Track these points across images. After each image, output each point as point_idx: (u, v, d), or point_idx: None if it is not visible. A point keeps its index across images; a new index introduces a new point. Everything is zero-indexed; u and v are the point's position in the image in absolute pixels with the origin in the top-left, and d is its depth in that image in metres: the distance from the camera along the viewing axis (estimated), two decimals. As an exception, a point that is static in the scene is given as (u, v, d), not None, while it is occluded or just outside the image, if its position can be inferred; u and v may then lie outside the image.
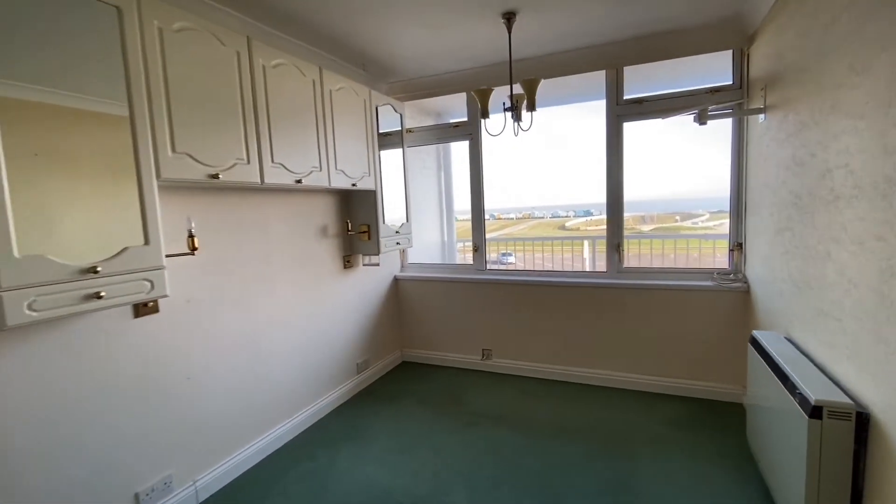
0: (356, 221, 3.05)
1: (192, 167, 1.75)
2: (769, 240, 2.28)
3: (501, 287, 3.40)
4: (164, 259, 1.63)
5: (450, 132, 3.54)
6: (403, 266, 3.83)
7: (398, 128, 3.25)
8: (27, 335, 1.51)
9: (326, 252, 2.92)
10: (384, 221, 3.03)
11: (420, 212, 4.05)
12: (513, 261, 6.35)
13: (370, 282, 3.40)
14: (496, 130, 2.46)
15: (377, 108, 2.95)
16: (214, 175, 1.83)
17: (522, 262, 6.10)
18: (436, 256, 4.48)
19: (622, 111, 2.97)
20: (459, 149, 4.33)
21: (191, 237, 1.87)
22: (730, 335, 2.79)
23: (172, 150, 1.67)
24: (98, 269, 1.42)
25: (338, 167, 2.57)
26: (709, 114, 2.45)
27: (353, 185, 2.73)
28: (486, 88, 2.32)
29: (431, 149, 4.38)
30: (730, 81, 2.74)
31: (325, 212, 2.91)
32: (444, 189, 4.53)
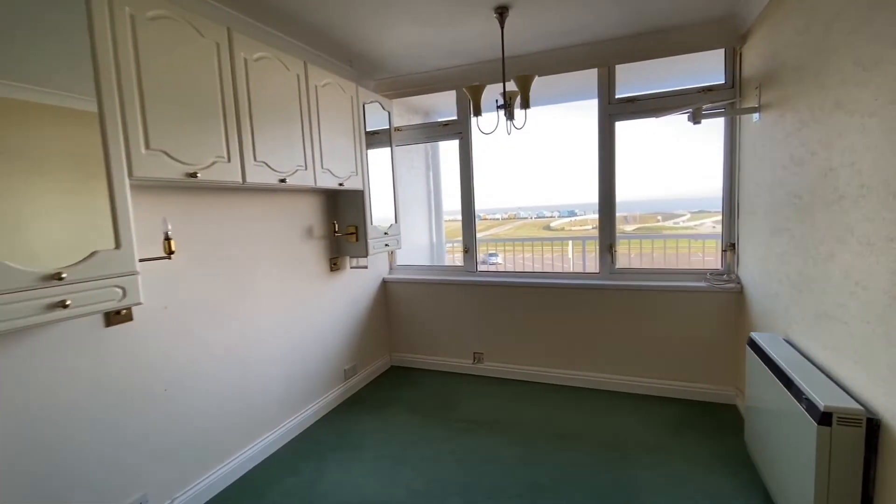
0: (343, 223, 2.95)
1: (169, 165, 1.64)
2: (765, 240, 2.25)
3: (492, 289, 3.33)
4: (138, 264, 1.51)
5: (439, 131, 3.46)
6: (392, 268, 3.74)
7: (386, 126, 3.16)
8: (-17, 348, 1.38)
9: (312, 254, 2.81)
10: (372, 222, 2.93)
11: (408, 212, 3.97)
12: (499, 261, 6.34)
13: (358, 285, 3.30)
14: (489, 129, 2.39)
15: (364, 106, 2.85)
16: (192, 174, 1.72)
17: (511, 263, 6.05)
18: (425, 258, 4.40)
19: (614, 110, 2.93)
20: (448, 148, 4.26)
21: (167, 240, 1.75)
22: (723, 336, 2.76)
23: (146, 147, 1.56)
24: (63, 276, 1.31)
25: (324, 166, 2.47)
26: (703, 113, 2.42)
27: (340, 185, 2.63)
28: (479, 85, 2.25)
29: (420, 148, 4.30)
30: (722, 81, 2.73)
31: (311, 213, 2.80)
32: (433, 189, 4.45)
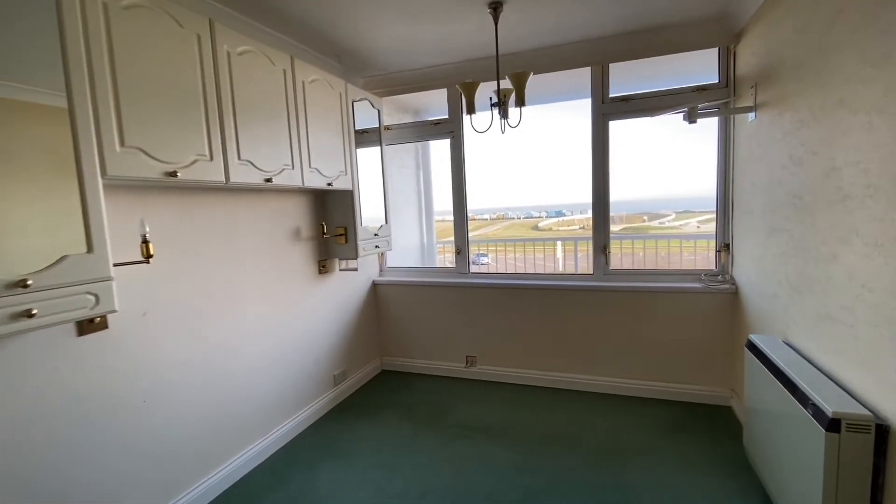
0: (332, 224, 2.86)
1: (146, 164, 1.54)
2: (761, 241, 2.23)
3: (485, 291, 3.27)
4: (112, 269, 1.41)
5: (430, 130, 3.38)
6: (382, 270, 3.65)
7: (376, 125, 3.08)
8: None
9: (300, 257, 2.72)
10: (362, 223, 2.85)
11: (399, 213, 3.89)
12: (487, 261, 6.32)
13: (347, 287, 3.21)
14: (482, 127, 2.32)
15: (353, 103, 2.77)
16: (172, 173, 1.62)
17: (500, 264, 6.02)
18: (416, 259, 4.32)
19: (608, 109, 2.90)
20: (439, 148, 4.19)
21: (145, 243, 1.64)
22: (718, 338, 2.74)
23: (121, 145, 1.46)
24: (28, 283, 1.20)
25: (312, 165, 2.38)
26: (698, 112, 2.39)
27: (329, 185, 2.54)
28: (473, 82, 2.19)
29: (410, 147, 4.22)
30: (715, 80, 2.71)
31: (299, 213, 2.71)
32: (424, 189, 4.37)
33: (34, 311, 1.22)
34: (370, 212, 2.97)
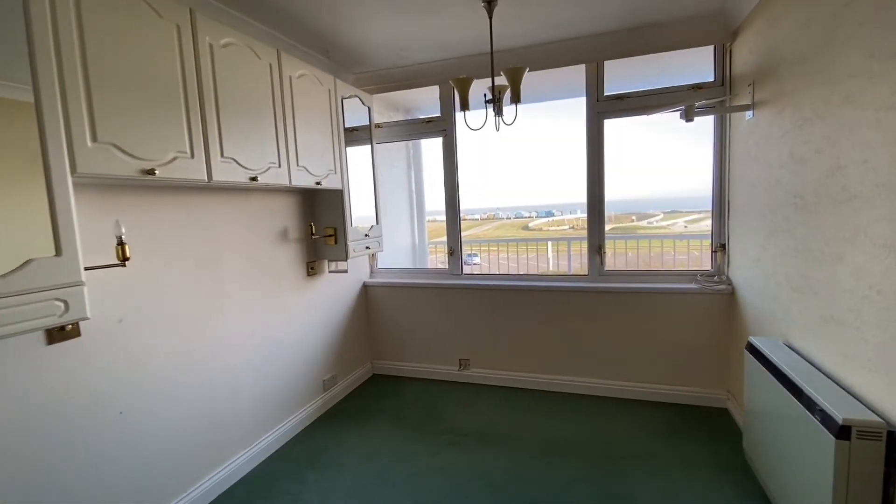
0: (321, 224, 2.77)
1: (120, 161, 1.44)
2: (759, 241, 2.19)
3: (478, 292, 3.21)
4: (84, 273, 1.32)
5: (422, 128, 3.31)
6: (373, 271, 3.57)
7: (366, 122, 3.00)
8: None
9: (287, 259, 2.62)
10: (352, 223, 2.76)
11: (390, 213, 3.81)
12: (478, 261, 6.29)
13: (337, 290, 3.12)
14: (476, 125, 2.26)
15: (343, 100, 2.69)
16: (149, 171, 1.52)
17: (490, 264, 5.98)
18: (407, 260, 4.24)
19: (603, 108, 2.85)
20: (430, 147, 4.12)
21: (121, 245, 1.55)
22: (715, 339, 2.71)
23: (93, 140, 1.36)
24: (-12, 290, 1.11)
25: (299, 163, 2.29)
26: (695, 110, 2.35)
27: (318, 184, 2.45)
28: (467, 78, 2.12)
29: (401, 146, 4.14)
30: (711, 78, 2.67)
31: (286, 214, 2.61)
32: (415, 189, 4.30)
33: (-6, 320, 1.12)
34: (360, 212, 2.89)
